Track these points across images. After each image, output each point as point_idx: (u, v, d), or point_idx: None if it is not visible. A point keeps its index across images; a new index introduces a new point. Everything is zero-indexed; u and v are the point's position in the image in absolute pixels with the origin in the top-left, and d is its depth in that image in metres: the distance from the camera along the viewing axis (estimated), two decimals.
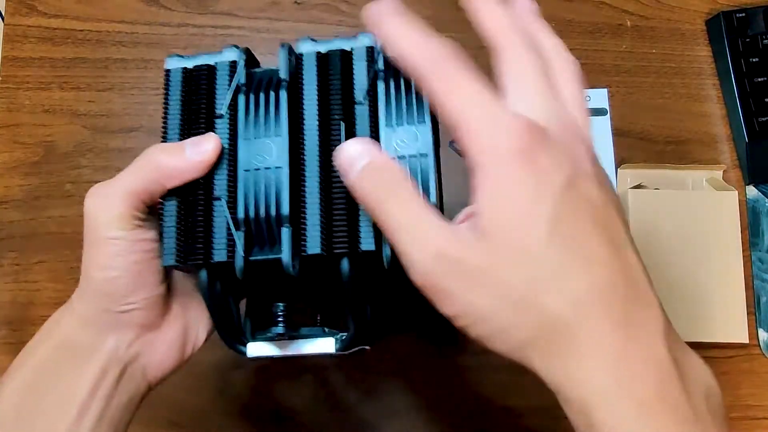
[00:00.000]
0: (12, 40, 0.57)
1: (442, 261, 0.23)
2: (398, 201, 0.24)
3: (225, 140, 0.31)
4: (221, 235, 0.30)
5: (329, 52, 0.32)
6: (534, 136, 0.22)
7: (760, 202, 0.57)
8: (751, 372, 0.54)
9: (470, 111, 0.23)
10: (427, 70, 0.24)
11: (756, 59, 0.57)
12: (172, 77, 0.34)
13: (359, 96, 0.31)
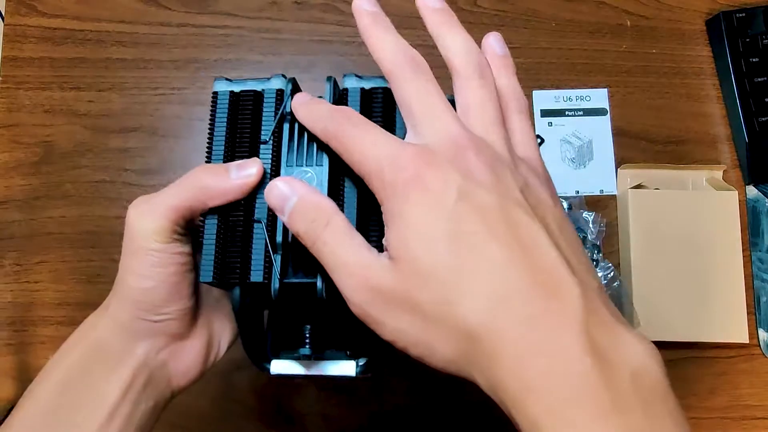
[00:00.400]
0: (12, 40, 0.57)
1: (367, 292, 0.24)
2: (328, 239, 0.26)
3: (267, 166, 0.32)
4: (259, 256, 0.31)
5: (372, 90, 0.33)
6: (421, 160, 0.24)
7: (760, 202, 0.57)
8: (751, 372, 0.54)
9: (370, 156, 0.25)
10: (330, 134, 0.28)
11: (756, 59, 0.57)
12: (220, 100, 0.34)
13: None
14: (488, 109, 0.27)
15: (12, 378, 0.52)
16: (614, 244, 0.56)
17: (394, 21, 0.62)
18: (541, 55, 0.59)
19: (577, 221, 0.55)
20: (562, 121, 0.58)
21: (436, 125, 0.25)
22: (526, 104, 0.29)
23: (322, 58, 0.58)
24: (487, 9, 0.59)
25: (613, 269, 0.55)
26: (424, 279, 0.23)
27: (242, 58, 0.57)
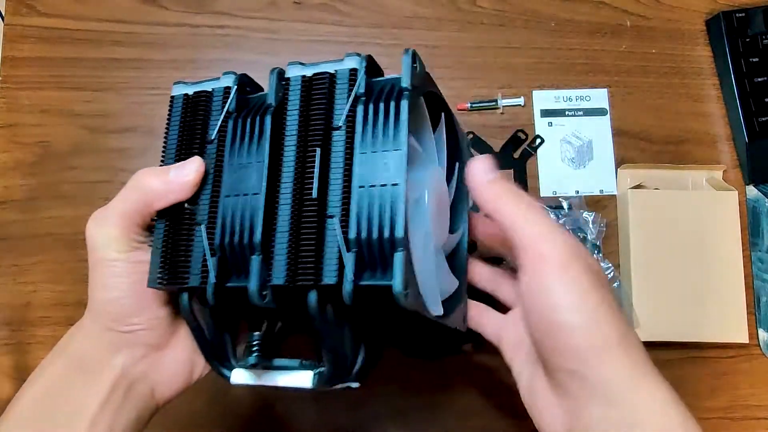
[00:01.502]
0: (11, 40, 0.56)
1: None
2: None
3: (213, 165, 0.32)
4: (198, 260, 0.31)
5: (314, 76, 0.31)
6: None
7: (760, 202, 0.56)
8: (751, 372, 0.54)
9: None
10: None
11: (756, 59, 0.56)
12: (175, 103, 0.35)
13: (338, 121, 0.30)
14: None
15: (9, 378, 0.51)
16: (614, 244, 0.56)
17: (393, 21, 0.62)
18: (541, 55, 0.59)
19: (577, 221, 0.55)
20: (562, 121, 0.58)
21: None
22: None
23: (320, 58, 0.57)
24: (486, 9, 0.59)
25: (613, 269, 0.55)
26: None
27: (240, 58, 0.57)
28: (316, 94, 0.31)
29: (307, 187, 0.29)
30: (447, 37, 0.58)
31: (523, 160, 0.57)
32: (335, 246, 0.28)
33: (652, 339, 0.52)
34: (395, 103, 0.29)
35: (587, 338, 0.27)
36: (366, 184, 0.28)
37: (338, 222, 0.28)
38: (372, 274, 0.27)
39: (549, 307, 0.28)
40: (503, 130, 0.57)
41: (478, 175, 0.31)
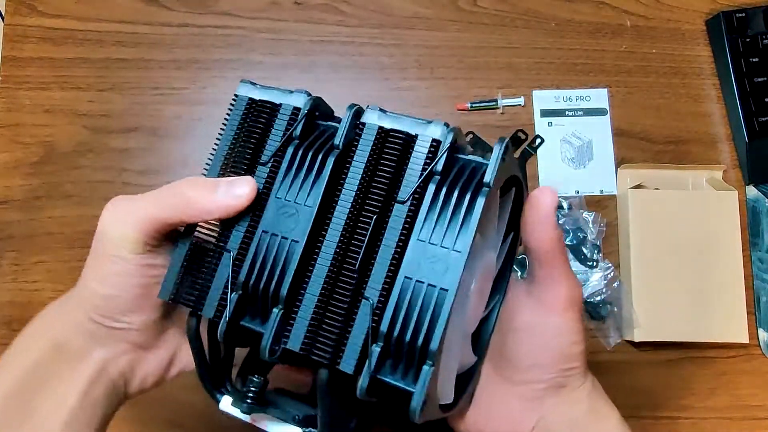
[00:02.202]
0: (12, 40, 0.57)
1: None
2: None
3: (259, 189, 0.29)
4: (217, 290, 0.28)
5: (391, 132, 0.28)
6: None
7: (760, 202, 0.57)
8: (751, 372, 0.54)
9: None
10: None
11: (756, 59, 0.57)
12: (237, 105, 0.31)
13: (404, 193, 0.27)
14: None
15: None
16: (614, 244, 0.56)
17: (394, 21, 0.62)
18: (541, 55, 0.59)
19: (577, 221, 0.55)
20: (562, 121, 0.58)
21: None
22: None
23: (322, 59, 0.58)
24: (487, 9, 0.59)
25: (613, 269, 0.55)
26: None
27: (243, 59, 0.57)
28: (387, 155, 0.28)
29: (351, 255, 0.27)
30: (447, 37, 0.59)
31: (523, 160, 0.57)
32: (363, 331, 0.25)
33: (652, 339, 0.52)
34: (470, 197, 0.26)
35: (581, 355, 0.33)
36: (414, 276, 0.25)
37: (371, 308, 0.25)
38: (393, 371, 0.25)
39: (571, 343, 0.33)
40: (503, 130, 0.57)
41: (546, 219, 0.30)
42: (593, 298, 0.54)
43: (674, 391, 0.54)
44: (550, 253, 0.31)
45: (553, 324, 0.32)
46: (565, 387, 0.32)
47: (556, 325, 0.32)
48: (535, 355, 0.32)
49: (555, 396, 0.33)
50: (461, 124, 0.57)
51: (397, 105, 0.57)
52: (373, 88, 0.57)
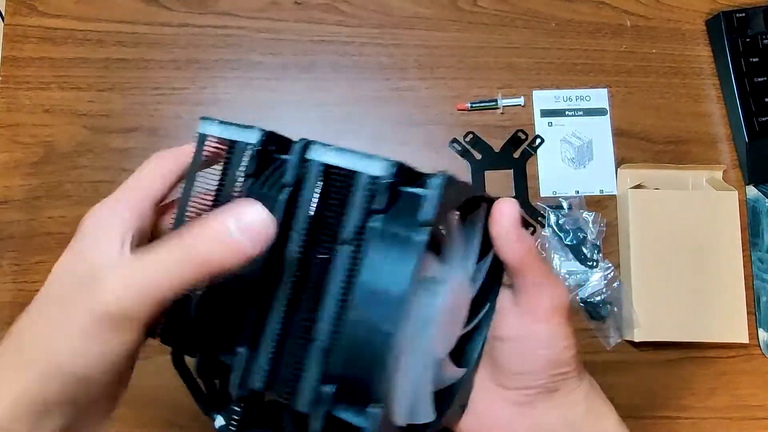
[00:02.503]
0: (12, 40, 0.57)
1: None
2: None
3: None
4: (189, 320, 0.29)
5: (332, 170, 0.27)
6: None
7: (760, 202, 0.57)
8: (751, 372, 0.54)
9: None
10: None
11: (756, 59, 0.57)
12: (199, 143, 0.31)
13: (347, 233, 0.26)
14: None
15: None
16: (614, 244, 0.56)
17: (395, 21, 0.62)
18: (541, 55, 0.59)
19: (577, 221, 0.55)
20: (562, 121, 0.58)
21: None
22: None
23: (322, 58, 0.58)
24: (487, 9, 0.59)
25: (613, 269, 0.55)
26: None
27: (242, 59, 0.57)
28: (332, 193, 0.27)
29: (303, 299, 0.27)
30: (447, 37, 0.59)
31: (523, 160, 0.57)
32: (315, 373, 0.25)
33: (652, 339, 0.52)
34: (410, 236, 0.25)
35: (573, 359, 0.33)
36: (360, 318, 0.24)
37: (321, 350, 0.25)
38: (348, 407, 0.25)
39: (561, 349, 0.32)
40: (503, 130, 0.57)
41: (512, 232, 0.31)
42: (593, 298, 0.54)
43: (674, 391, 0.54)
44: (523, 264, 0.31)
45: (540, 332, 0.32)
46: (559, 391, 0.32)
47: (543, 333, 0.32)
48: (524, 363, 0.32)
49: (548, 400, 0.32)
50: (461, 124, 0.57)
51: (397, 105, 0.57)
52: (373, 88, 0.57)
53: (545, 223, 0.56)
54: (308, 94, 0.57)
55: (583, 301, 0.54)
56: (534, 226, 0.56)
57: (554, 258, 0.55)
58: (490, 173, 0.57)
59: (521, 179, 0.57)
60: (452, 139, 0.57)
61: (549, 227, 0.56)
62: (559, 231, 0.55)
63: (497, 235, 0.31)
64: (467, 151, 0.57)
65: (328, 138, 0.28)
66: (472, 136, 0.57)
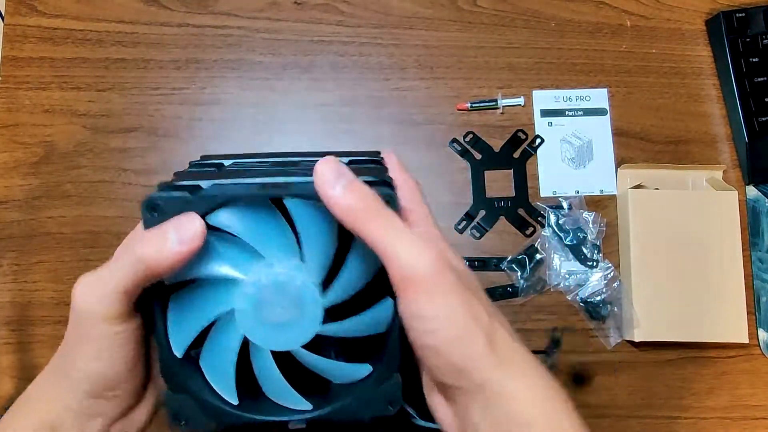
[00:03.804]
0: (12, 40, 0.57)
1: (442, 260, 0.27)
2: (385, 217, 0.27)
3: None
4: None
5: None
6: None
7: (760, 202, 0.57)
8: (751, 372, 0.54)
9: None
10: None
11: (756, 59, 0.57)
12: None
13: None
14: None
15: (10, 377, 0.52)
16: (614, 244, 0.56)
17: (394, 21, 0.62)
18: (541, 55, 0.59)
19: (577, 221, 0.55)
20: (562, 121, 0.58)
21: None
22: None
23: (322, 59, 0.58)
24: (487, 9, 0.59)
25: (613, 269, 0.55)
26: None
27: (242, 59, 0.57)
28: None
29: None
30: (447, 37, 0.59)
31: (523, 160, 0.57)
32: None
33: (653, 339, 0.52)
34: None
35: (461, 353, 0.27)
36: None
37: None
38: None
39: (424, 333, 0.27)
40: (503, 130, 0.57)
41: (324, 189, 0.26)
42: (593, 298, 0.54)
43: (674, 391, 0.54)
44: (350, 218, 0.26)
45: (404, 312, 0.27)
46: (461, 390, 0.28)
47: (405, 313, 0.27)
48: (416, 350, 0.28)
49: (462, 397, 0.28)
50: (461, 124, 0.57)
51: (397, 105, 0.57)
52: (373, 88, 0.57)
53: (545, 223, 0.56)
54: (308, 94, 0.57)
55: (584, 301, 0.54)
56: (534, 226, 0.56)
57: (554, 258, 0.55)
58: (489, 173, 0.57)
59: (521, 179, 0.57)
60: (452, 139, 0.57)
61: (549, 227, 0.56)
62: (559, 231, 0.55)
63: (321, 195, 0.26)
64: (467, 150, 0.57)
65: (327, 138, 0.28)
66: (472, 136, 0.57)
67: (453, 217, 0.56)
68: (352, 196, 0.26)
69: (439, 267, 0.26)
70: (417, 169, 0.56)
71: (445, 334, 0.26)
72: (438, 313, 0.26)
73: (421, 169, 0.56)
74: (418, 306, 0.26)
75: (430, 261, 0.26)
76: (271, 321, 0.28)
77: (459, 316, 0.27)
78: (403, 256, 0.26)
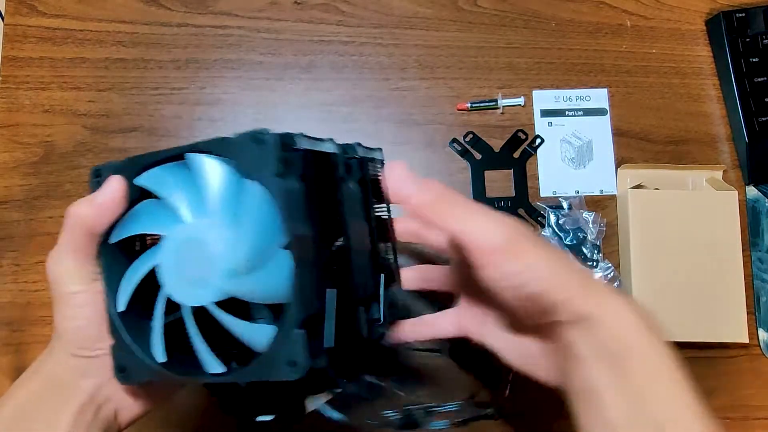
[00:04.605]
0: (12, 40, 0.57)
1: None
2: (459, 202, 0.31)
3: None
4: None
5: None
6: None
7: (760, 202, 0.57)
8: (751, 372, 0.54)
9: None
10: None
11: (756, 59, 0.57)
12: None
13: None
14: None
15: (10, 378, 0.52)
16: (614, 244, 0.56)
17: (395, 21, 0.62)
18: (541, 55, 0.59)
19: (577, 221, 0.55)
20: (562, 121, 0.58)
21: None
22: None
23: (322, 59, 0.58)
24: (487, 9, 0.59)
25: (613, 269, 0.55)
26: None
27: (242, 58, 0.57)
28: None
29: None
30: (447, 37, 0.59)
31: (523, 160, 0.57)
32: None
33: None
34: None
35: (558, 290, 0.30)
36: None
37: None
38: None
39: (517, 288, 0.30)
40: (503, 130, 0.57)
41: (402, 190, 0.31)
42: None
43: None
44: (428, 212, 0.30)
45: (488, 278, 0.30)
46: (554, 332, 0.31)
47: (490, 279, 0.30)
48: (505, 305, 0.32)
49: (560, 334, 0.31)
50: (461, 124, 0.57)
51: (397, 105, 0.57)
52: (373, 88, 0.57)
53: (545, 223, 0.56)
54: (308, 94, 0.57)
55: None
56: (534, 226, 0.56)
57: None
58: (489, 173, 0.57)
59: (521, 179, 0.57)
60: (452, 139, 0.57)
61: (549, 227, 0.56)
62: (559, 231, 0.55)
63: (392, 191, 0.31)
64: (467, 150, 0.57)
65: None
66: (472, 136, 0.57)
67: None
68: (425, 193, 0.30)
69: (515, 233, 0.30)
70: (417, 169, 0.56)
71: (538, 280, 0.30)
72: (524, 267, 0.30)
73: (421, 169, 0.56)
74: (504, 267, 0.30)
75: (506, 229, 0.30)
76: (187, 277, 0.29)
77: (545, 263, 0.30)
78: (481, 230, 0.30)
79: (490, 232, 0.30)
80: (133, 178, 0.31)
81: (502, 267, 0.30)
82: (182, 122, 0.56)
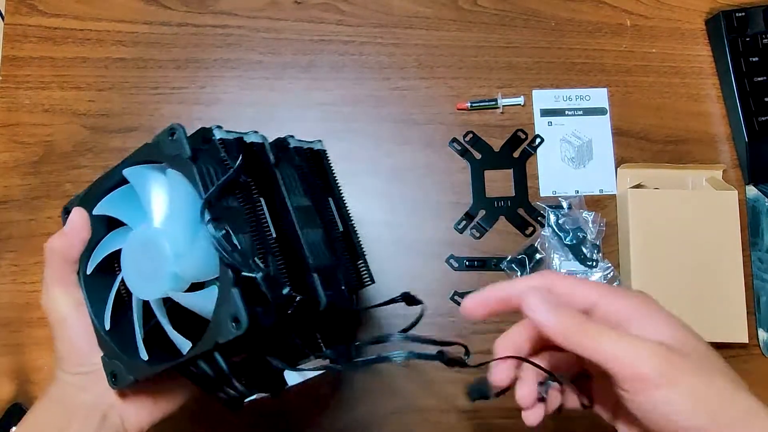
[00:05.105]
0: (12, 40, 0.57)
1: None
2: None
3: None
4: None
5: None
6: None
7: (760, 201, 0.57)
8: (751, 372, 0.54)
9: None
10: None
11: (756, 59, 0.57)
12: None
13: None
14: None
15: (8, 378, 0.51)
16: (614, 244, 0.56)
17: (395, 20, 0.62)
18: (541, 55, 0.59)
19: (576, 221, 0.55)
20: (562, 121, 0.58)
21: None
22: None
23: (322, 58, 0.58)
24: (487, 8, 0.59)
25: (613, 269, 0.55)
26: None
27: (242, 58, 0.57)
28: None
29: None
30: (447, 36, 0.59)
31: (523, 159, 0.57)
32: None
33: None
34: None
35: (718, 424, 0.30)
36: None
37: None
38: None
39: (665, 419, 0.30)
40: (503, 130, 0.57)
41: (536, 317, 0.30)
42: None
43: None
44: (565, 338, 0.29)
45: (637, 408, 0.30)
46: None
47: (639, 409, 0.30)
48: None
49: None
50: (461, 123, 0.57)
51: (397, 105, 0.57)
52: (373, 88, 0.57)
53: (545, 222, 0.56)
54: (308, 94, 0.57)
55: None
56: (534, 225, 0.56)
57: (554, 258, 0.55)
58: (489, 173, 0.57)
59: (521, 179, 0.57)
60: (452, 139, 0.57)
61: (549, 227, 0.55)
62: (559, 231, 0.55)
63: (534, 321, 0.30)
64: (467, 150, 0.57)
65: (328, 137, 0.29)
66: (472, 136, 0.57)
67: (453, 217, 0.56)
68: (562, 320, 0.30)
69: (666, 360, 0.30)
70: (417, 169, 0.57)
71: (693, 422, 0.29)
72: (666, 403, 0.29)
73: (421, 168, 0.56)
74: (656, 397, 0.29)
75: (649, 358, 0.29)
76: (144, 273, 0.33)
77: (688, 401, 0.29)
78: (623, 360, 0.29)
79: (632, 358, 0.29)
80: (94, 204, 0.36)
81: (654, 397, 0.29)
82: (182, 122, 0.55)
